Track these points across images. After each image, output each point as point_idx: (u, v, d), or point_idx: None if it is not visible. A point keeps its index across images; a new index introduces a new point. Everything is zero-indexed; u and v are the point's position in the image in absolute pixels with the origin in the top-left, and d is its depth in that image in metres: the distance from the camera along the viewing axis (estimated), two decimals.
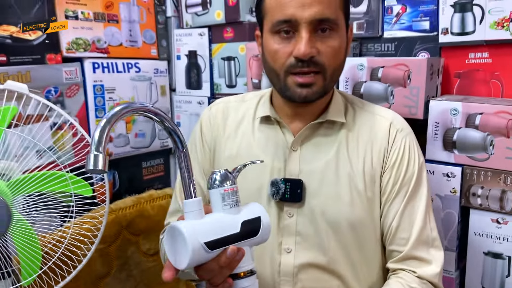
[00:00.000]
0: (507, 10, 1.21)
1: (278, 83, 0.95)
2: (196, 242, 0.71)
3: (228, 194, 0.76)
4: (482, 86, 1.31)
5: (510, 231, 1.18)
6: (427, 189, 1.00)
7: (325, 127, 1.00)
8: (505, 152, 1.15)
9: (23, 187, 1.02)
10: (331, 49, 0.90)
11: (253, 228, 0.78)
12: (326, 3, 0.88)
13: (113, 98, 1.55)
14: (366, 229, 0.98)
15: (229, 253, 0.73)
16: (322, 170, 0.97)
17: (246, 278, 0.77)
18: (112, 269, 1.44)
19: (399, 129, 1.01)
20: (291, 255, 0.96)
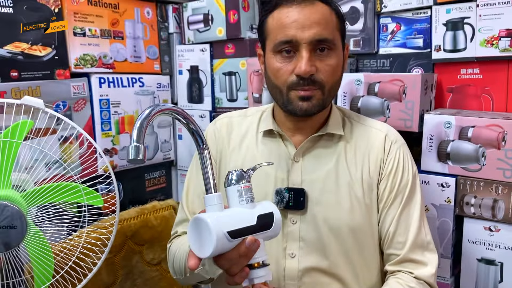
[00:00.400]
0: (496, 28, 1.27)
1: (281, 98, 1.01)
2: (220, 232, 0.77)
3: (245, 191, 0.83)
4: (473, 101, 1.38)
5: (502, 238, 1.23)
6: (421, 196, 1.06)
7: (325, 140, 1.06)
8: (496, 163, 1.21)
9: (38, 198, 1.06)
10: (329, 67, 0.97)
11: (267, 221, 0.84)
12: (324, 24, 0.95)
13: (118, 112, 1.59)
14: (365, 234, 1.03)
15: (247, 242, 0.79)
16: (323, 180, 1.03)
17: (260, 268, 0.83)
18: (117, 279, 1.48)
19: (394, 141, 1.07)
20: (295, 260, 1.01)
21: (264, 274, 0.84)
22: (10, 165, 1.02)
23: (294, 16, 0.95)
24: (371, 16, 1.49)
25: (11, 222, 1.00)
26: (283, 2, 0.97)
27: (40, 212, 1.10)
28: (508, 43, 1.26)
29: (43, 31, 1.37)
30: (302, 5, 0.95)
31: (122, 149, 1.62)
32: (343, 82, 1.40)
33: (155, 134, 1.74)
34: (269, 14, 1.00)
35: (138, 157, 0.75)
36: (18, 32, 1.31)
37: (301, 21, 0.94)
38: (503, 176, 1.20)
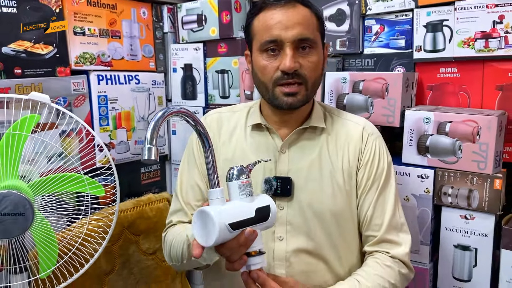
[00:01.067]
0: (472, 30, 1.37)
1: (267, 93, 1.10)
2: (222, 223, 0.85)
3: (245, 186, 0.90)
4: (451, 98, 1.47)
5: (477, 226, 1.32)
6: (395, 182, 1.16)
7: (308, 132, 1.15)
8: (471, 156, 1.30)
9: (44, 187, 1.13)
10: (311, 64, 1.07)
11: (265, 214, 0.91)
12: (305, 25, 1.05)
13: (116, 108, 1.66)
14: (346, 218, 1.13)
15: (247, 233, 0.87)
16: (308, 169, 1.12)
17: (257, 256, 0.91)
18: (115, 266, 1.55)
19: (370, 133, 1.17)
20: (283, 242, 1.10)
21: (260, 261, 0.92)
22: (18, 156, 1.09)
23: (278, 17, 1.04)
24: (356, 18, 1.57)
25: (19, 209, 1.08)
26: (267, 6, 1.07)
27: (45, 201, 1.17)
28: (483, 44, 1.35)
29: (44, 31, 1.44)
30: (285, 8, 1.05)
31: (119, 144, 1.69)
32: (330, 80, 1.50)
33: None
34: (254, 17, 1.09)
35: (151, 158, 0.83)
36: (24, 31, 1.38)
37: (285, 22, 1.04)
38: (478, 167, 1.29)
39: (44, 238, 1.14)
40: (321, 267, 1.11)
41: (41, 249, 1.15)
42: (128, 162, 1.75)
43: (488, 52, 1.35)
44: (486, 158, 1.28)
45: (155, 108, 1.82)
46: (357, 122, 1.18)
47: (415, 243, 1.41)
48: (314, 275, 1.10)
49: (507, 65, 1.34)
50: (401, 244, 1.12)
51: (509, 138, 1.36)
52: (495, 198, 1.28)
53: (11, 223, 1.07)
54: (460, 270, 1.37)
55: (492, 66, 1.37)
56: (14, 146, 1.08)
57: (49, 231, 1.15)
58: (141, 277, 1.64)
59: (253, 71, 1.14)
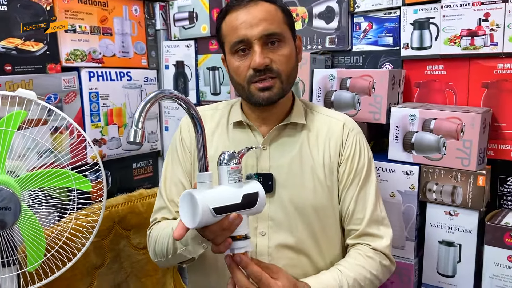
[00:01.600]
0: (458, 28, 1.37)
1: (244, 93, 1.11)
2: (206, 207, 0.86)
3: (234, 171, 0.91)
4: (438, 95, 1.48)
5: (461, 222, 1.34)
6: (375, 177, 1.18)
7: (289, 129, 1.17)
8: (455, 153, 1.31)
9: (31, 182, 1.15)
10: (282, 57, 1.08)
11: (252, 200, 0.92)
12: (270, 20, 1.06)
13: (107, 104, 1.68)
14: (327, 213, 1.14)
15: (231, 218, 0.88)
16: (289, 165, 1.13)
17: (242, 240, 0.92)
18: (105, 261, 1.57)
19: (351, 129, 1.18)
20: (266, 238, 1.11)
21: (244, 245, 0.93)
22: (5, 152, 1.11)
23: (242, 18, 1.05)
24: (345, 16, 1.58)
25: (5, 204, 1.10)
26: (231, 8, 1.08)
27: (32, 197, 1.19)
28: (469, 42, 1.36)
29: (43, 31, 1.46)
30: (248, 7, 1.06)
31: (111, 140, 1.71)
32: (318, 77, 1.51)
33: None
34: (222, 21, 1.11)
35: (136, 140, 0.84)
36: (12, 28, 1.40)
37: (249, 20, 1.05)
38: (462, 164, 1.31)
39: (31, 233, 1.16)
40: (303, 261, 1.12)
41: (28, 243, 1.17)
42: (120, 158, 1.77)
43: (474, 49, 1.36)
44: (470, 155, 1.29)
45: None
46: (338, 118, 1.20)
47: (401, 239, 1.43)
48: (296, 269, 1.11)
49: (492, 63, 1.35)
50: (382, 237, 1.14)
51: (494, 135, 1.37)
52: (479, 194, 1.29)
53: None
54: (445, 265, 1.38)
55: (477, 64, 1.38)
56: (1, 142, 1.09)
57: (36, 225, 1.17)
58: (131, 271, 1.66)
59: (229, 74, 1.15)
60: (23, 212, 1.14)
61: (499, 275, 1.26)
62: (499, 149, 1.37)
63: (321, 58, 1.59)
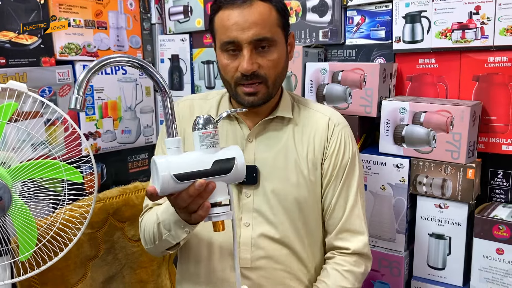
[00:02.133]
0: (449, 22, 1.38)
1: (231, 90, 1.12)
2: (167, 174, 0.84)
3: (206, 136, 0.88)
4: (430, 88, 1.48)
5: (450, 214, 1.34)
6: (359, 173, 1.19)
7: (275, 122, 1.17)
8: (445, 146, 1.32)
9: (22, 173, 1.17)
10: (271, 62, 1.07)
11: (225, 167, 0.89)
12: (261, 24, 1.04)
13: (102, 98, 1.69)
14: (310, 206, 1.15)
15: (197, 185, 0.86)
16: (273, 158, 1.14)
17: (217, 207, 0.91)
18: (99, 252, 1.59)
19: (336, 124, 1.18)
20: (249, 229, 1.13)
21: (222, 212, 0.91)
22: None
23: (234, 18, 1.03)
24: (338, 9, 1.59)
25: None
26: (224, 5, 1.06)
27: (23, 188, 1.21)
28: (460, 35, 1.36)
29: (43, 31, 1.47)
30: (241, 8, 1.03)
31: (106, 133, 1.73)
32: (310, 70, 1.52)
33: (137, 119, 1.85)
34: (215, 14, 1.09)
35: (76, 107, 0.85)
36: (6, 22, 1.42)
37: (241, 23, 1.03)
38: (451, 157, 1.31)
39: (22, 223, 1.18)
40: (285, 252, 1.14)
41: (20, 233, 1.19)
42: (116, 151, 1.79)
43: (465, 43, 1.36)
44: (459, 148, 1.29)
45: (142, 98, 1.85)
46: (324, 113, 1.20)
47: (391, 231, 1.44)
48: (278, 259, 1.13)
49: (483, 56, 1.35)
50: (361, 233, 1.15)
51: (485, 129, 1.37)
52: (468, 187, 1.30)
53: None
54: (435, 258, 1.39)
55: (468, 57, 1.38)
56: None
57: (28, 216, 1.19)
58: (126, 263, 1.68)
59: (218, 66, 1.15)
60: (14, 202, 1.15)
61: (488, 268, 1.27)
62: (489, 142, 1.37)
63: (314, 51, 1.60)
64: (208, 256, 1.15)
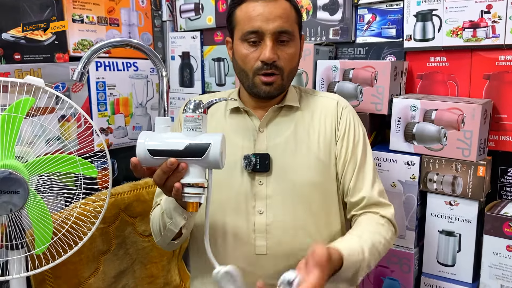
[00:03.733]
0: (460, 20, 1.39)
1: (247, 81, 1.16)
2: (143, 147, 0.92)
3: (188, 119, 0.92)
4: (440, 86, 1.49)
5: (461, 212, 1.35)
6: (370, 150, 1.24)
7: (284, 111, 1.21)
8: (456, 143, 1.33)
9: (39, 167, 1.18)
10: (288, 55, 1.13)
11: (198, 151, 0.92)
12: (285, 18, 1.11)
13: (114, 94, 1.71)
14: (325, 188, 1.18)
15: (168, 162, 0.91)
16: (284, 144, 1.17)
17: (191, 188, 0.93)
18: (111, 247, 1.60)
19: (344, 106, 1.23)
20: (263, 216, 1.15)
21: (192, 192, 0.93)
22: (14, 137, 1.14)
23: (259, 10, 1.10)
24: (349, 7, 1.60)
25: (14, 188, 1.13)
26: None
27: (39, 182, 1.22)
28: (471, 34, 1.37)
29: (43, 31, 1.49)
30: (267, 1, 1.10)
31: (117, 129, 1.74)
32: (321, 68, 1.54)
33: (148, 115, 1.86)
34: (237, 6, 1.14)
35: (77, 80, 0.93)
36: (21, 17, 1.43)
37: (266, 14, 1.09)
38: (462, 155, 1.32)
39: (39, 216, 1.19)
40: (300, 233, 1.15)
41: (36, 226, 1.20)
42: (127, 147, 1.80)
43: (476, 41, 1.37)
44: (470, 146, 1.30)
45: (153, 95, 1.86)
46: (331, 97, 1.26)
47: (401, 228, 1.44)
48: (293, 242, 1.15)
49: (494, 54, 1.36)
50: (388, 205, 1.18)
51: (495, 127, 1.38)
52: (479, 185, 1.31)
53: (6, 200, 1.12)
54: (445, 255, 1.40)
55: (479, 56, 1.39)
56: (10, 127, 1.12)
57: (44, 209, 1.20)
58: (137, 258, 1.69)
59: (233, 58, 1.19)
60: (31, 196, 1.17)
61: (498, 264, 1.28)
62: (500, 140, 1.38)
63: (325, 49, 1.61)
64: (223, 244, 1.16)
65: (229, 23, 1.19)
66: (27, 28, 1.43)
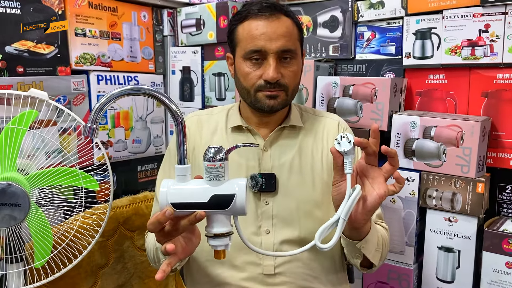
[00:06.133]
0: (459, 39, 1.41)
1: (249, 98, 1.15)
2: (165, 200, 0.88)
3: (210, 169, 0.89)
4: (439, 103, 1.51)
5: (460, 228, 1.36)
6: None
7: (287, 131, 1.22)
8: (455, 160, 1.34)
9: (40, 180, 1.18)
10: (291, 73, 1.13)
11: (223, 201, 0.89)
12: (288, 37, 1.11)
13: (114, 107, 1.71)
14: (326, 205, 1.18)
15: (198, 215, 0.87)
16: (289, 164, 1.18)
17: (218, 239, 0.91)
18: (110, 261, 1.59)
19: (345, 128, 1.26)
20: (270, 236, 1.15)
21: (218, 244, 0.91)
22: (16, 150, 1.14)
23: (263, 29, 1.09)
24: (349, 25, 1.62)
25: (16, 200, 1.13)
26: (252, 15, 1.11)
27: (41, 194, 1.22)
28: (470, 52, 1.39)
29: (44, 31, 1.50)
30: (270, 19, 1.10)
31: (117, 142, 1.74)
32: (321, 84, 1.55)
33: (148, 129, 1.86)
34: (239, 24, 1.14)
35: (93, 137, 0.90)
36: (25, 31, 1.44)
37: (269, 33, 1.09)
38: (461, 171, 1.33)
39: (39, 229, 1.19)
40: (306, 253, 1.15)
41: (36, 239, 1.20)
42: (126, 160, 1.80)
43: (474, 59, 1.39)
44: (469, 162, 1.32)
45: (153, 109, 1.87)
46: (332, 118, 1.28)
47: (401, 244, 1.45)
48: (298, 262, 1.15)
49: (492, 73, 1.38)
50: (386, 228, 1.22)
51: (493, 144, 1.40)
52: (478, 201, 1.32)
53: (8, 213, 1.12)
54: (444, 271, 1.40)
55: (478, 74, 1.41)
56: (13, 140, 1.13)
57: (44, 222, 1.20)
58: (135, 272, 1.68)
59: (235, 75, 1.19)
60: (32, 209, 1.16)
61: (497, 281, 1.29)
62: (498, 157, 1.40)
63: (325, 65, 1.63)
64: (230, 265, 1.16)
65: (230, 40, 1.19)
66: (27, 28, 1.44)
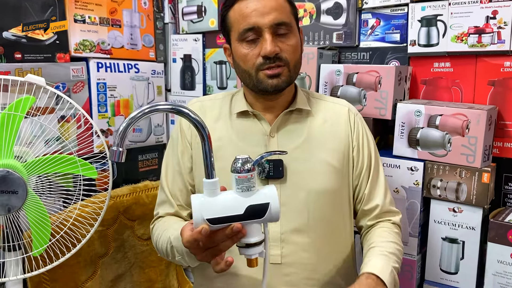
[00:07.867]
0: (465, 26, 1.38)
1: (251, 81, 1.11)
2: (200, 217, 0.85)
3: (242, 180, 0.86)
4: (444, 92, 1.48)
5: (464, 218, 1.34)
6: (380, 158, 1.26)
7: (295, 115, 1.18)
8: (460, 149, 1.31)
9: (38, 167, 1.16)
10: (290, 47, 1.09)
11: (259, 211, 0.87)
12: (280, 10, 1.08)
13: (114, 95, 1.69)
14: (339, 195, 1.17)
15: (235, 228, 0.84)
16: (298, 150, 1.15)
17: (252, 248, 0.89)
18: (109, 250, 1.58)
19: (355, 113, 1.24)
20: (278, 224, 1.12)
21: (253, 253, 0.90)
22: (13, 136, 1.12)
23: (253, 6, 1.07)
24: (353, 12, 1.59)
25: (13, 187, 1.11)
26: None
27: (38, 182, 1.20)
28: (476, 39, 1.36)
29: (43, 31, 1.47)
30: None
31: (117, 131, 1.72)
32: (325, 72, 1.52)
33: (149, 118, 1.84)
34: (229, 9, 1.11)
35: (116, 160, 0.86)
36: (23, 16, 1.42)
37: (260, 9, 1.06)
38: (466, 161, 1.31)
39: (37, 217, 1.18)
40: (312, 238, 1.13)
41: (34, 228, 1.18)
42: (126, 149, 1.77)
43: (481, 47, 1.36)
44: (475, 152, 1.29)
45: (154, 97, 1.85)
46: (341, 104, 1.24)
47: (404, 235, 1.43)
48: (307, 253, 1.13)
49: (499, 61, 1.35)
50: (398, 212, 1.23)
51: (499, 133, 1.37)
52: (483, 191, 1.29)
53: (4, 200, 1.10)
54: (448, 262, 1.38)
55: (484, 61, 1.38)
56: (9, 126, 1.11)
57: (42, 210, 1.18)
58: (135, 261, 1.67)
59: (234, 62, 1.16)
60: (29, 196, 1.15)
61: (502, 272, 1.26)
62: (504, 147, 1.37)
63: (328, 53, 1.60)
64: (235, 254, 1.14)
65: (224, 28, 1.16)
66: (27, 28, 1.42)
